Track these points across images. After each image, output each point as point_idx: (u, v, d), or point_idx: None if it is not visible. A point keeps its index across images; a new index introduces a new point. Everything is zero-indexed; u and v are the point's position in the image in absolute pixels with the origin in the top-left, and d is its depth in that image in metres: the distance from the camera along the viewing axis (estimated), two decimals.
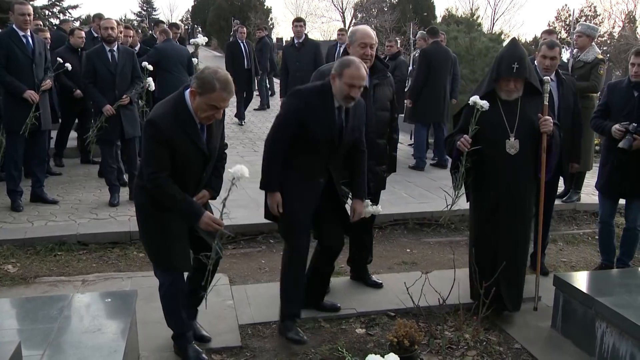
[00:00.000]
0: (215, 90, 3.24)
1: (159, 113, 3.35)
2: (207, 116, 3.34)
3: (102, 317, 3.35)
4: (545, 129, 4.17)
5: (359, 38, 4.35)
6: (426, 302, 4.16)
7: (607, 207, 5.36)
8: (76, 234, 5.85)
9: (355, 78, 3.74)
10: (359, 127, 4.06)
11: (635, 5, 40.05)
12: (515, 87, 4.24)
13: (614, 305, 3.67)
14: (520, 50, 4.26)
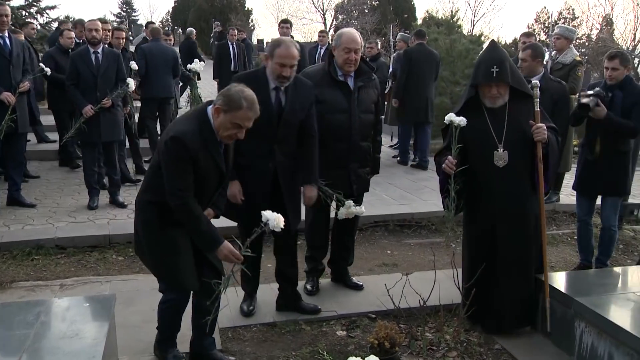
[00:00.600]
0: (242, 108, 3.20)
1: (184, 130, 3.24)
2: (230, 135, 3.29)
3: (80, 322, 3.29)
4: (539, 137, 3.86)
5: (344, 42, 4.35)
6: (407, 303, 4.16)
7: (584, 206, 5.42)
8: (54, 238, 5.79)
9: (285, 57, 3.86)
10: (302, 108, 4.08)
11: (612, 8, 40.46)
12: (498, 92, 3.98)
13: (593, 305, 3.70)
14: (500, 53, 4.02)
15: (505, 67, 3.92)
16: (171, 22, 48.76)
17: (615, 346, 3.45)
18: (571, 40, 7.37)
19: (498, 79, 3.92)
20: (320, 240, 4.80)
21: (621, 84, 5.13)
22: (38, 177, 8.12)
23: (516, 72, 4.09)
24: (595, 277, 4.58)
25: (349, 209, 4.31)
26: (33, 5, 23.10)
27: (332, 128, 4.39)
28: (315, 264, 4.84)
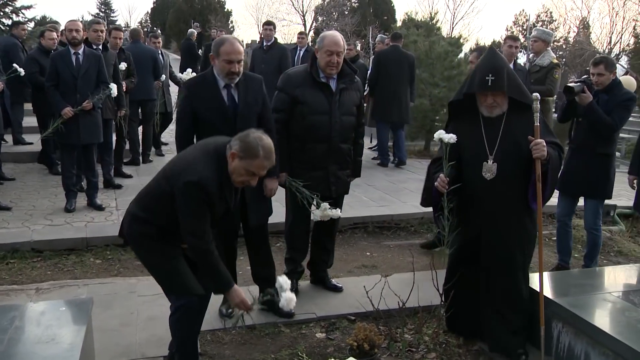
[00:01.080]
0: (258, 157, 3.19)
1: (207, 176, 3.18)
2: (242, 181, 3.29)
3: (56, 327, 3.25)
4: (537, 154, 3.56)
5: (326, 45, 4.37)
6: (386, 305, 4.17)
7: (564, 206, 5.49)
8: (30, 241, 5.70)
9: (230, 53, 3.93)
10: (256, 101, 4.16)
11: (589, 11, 40.98)
12: (494, 101, 3.72)
13: (570, 305, 3.74)
14: (498, 60, 3.74)
15: (501, 75, 3.65)
16: (150, 23, 48.44)
17: (591, 346, 3.49)
18: (548, 43, 7.46)
19: (493, 88, 3.66)
20: (299, 242, 4.79)
21: (607, 88, 5.22)
22: (14, 180, 8.01)
23: (515, 81, 3.76)
24: (572, 278, 4.63)
25: (324, 212, 4.30)
26: (8, 5, 22.85)
27: (313, 129, 4.42)
28: (295, 266, 4.83)
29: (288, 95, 4.44)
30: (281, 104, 4.47)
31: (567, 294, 4.01)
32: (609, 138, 5.26)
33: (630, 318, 3.53)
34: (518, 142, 3.68)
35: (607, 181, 5.29)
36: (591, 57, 36.04)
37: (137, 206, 3.42)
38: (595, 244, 5.49)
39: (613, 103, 5.16)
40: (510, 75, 3.72)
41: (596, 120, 5.12)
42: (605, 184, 5.29)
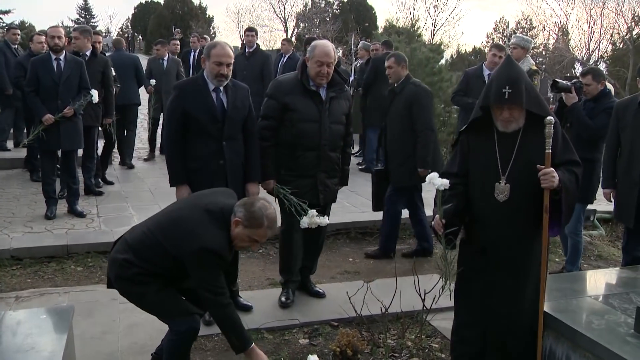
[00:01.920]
0: (262, 227, 3.26)
1: (221, 244, 3.24)
2: (243, 247, 3.40)
3: (36, 335, 3.21)
4: (546, 184, 3.17)
5: (317, 55, 4.38)
6: (369, 310, 4.17)
7: None
8: (9, 249, 5.64)
9: (221, 56, 4.08)
10: (243, 106, 4.30)
11: (568, 19, 41.47)
12: (511, 116, 3.28)
13: (550, 309, 3.76)
14: (515, 71, 3.32)
15: (519, 87, 3.23)
16: (131, 29, 48.21)
17: (572, 350, 3.51)
18: (527, 50, 7.54)
19: (511, 101, 3.23)
20: (295, 249, 4.74)
21: (596, 98, 5.38)
22: None
23: (533, 93, 3.36)
24: (553, 282, 4.66)
25: (311, 219, 4.29)
26: None
27: (302, 136, 4.44)
28: (290, 275, 4.79)
29: (278, 102, 4.44)
30: (271, 110, 4.48)
31: (548, 298, 4.04)
32: (593, 143, 5.36)
33: (609, 321, 3.56)
34: (534, 161, 3.26)
35: (589, 186, 5.36)
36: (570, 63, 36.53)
37: (120, 249, 3.40)
38: (576, 248, 5.56)
39: (598, 110, 5.31)
40: (529, 88, 3.32)
41: (576, 120, 5.25)
42: (588, 189, 5.35)
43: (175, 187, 4.24)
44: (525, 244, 3.42)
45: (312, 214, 4.28)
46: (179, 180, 4.21)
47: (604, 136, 5.29)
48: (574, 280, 4.48)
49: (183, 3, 44.64)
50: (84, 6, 55.65)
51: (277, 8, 46.55)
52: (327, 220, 4.40)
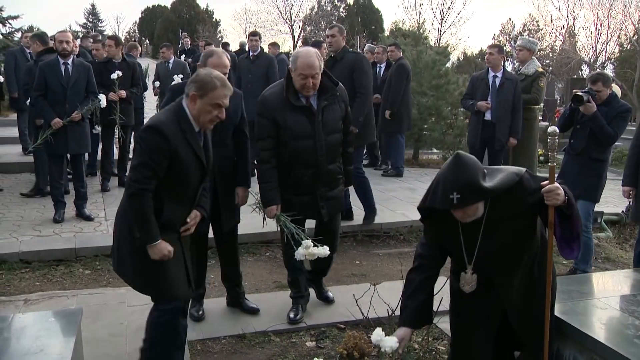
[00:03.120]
0: (217, 87, 3.26)
1: (162, 120, 3.26)
2: (212, 118, 3.32)
3: (45, 338, 3.23)
4: (550, 202, 2.86)
5: (299, 68, 4.09)
6: (375, 313, 4.17)
7: None
8: (18, 252, 5.68)
9: (217, 66, 4.00)
10: (235, 112, 4.26)
11: (574, 20, 41.36)
12: (465, 214, 2.86)
13: (558, 312, 3.75)
14: (464, 174, 2.77)
15: (469, 190, 2.73)
16: (138, 33, 48.39)
17: (579, 352, 3.51)
18: (533, 52, 7.54)
19: (459, 206, 2.78)
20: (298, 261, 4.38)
21: (606, 102, 5.54)
22: (1, 190, 7.98)
23: (486, 187, 2.76)
24: (560, 285, 4.65)
25: (307, 250, 3.88)
26: None
27: (297, 155, 4.23)
28: (299, 290, 4.62)
29: (268, 119, 4.22)
30: (264, 129, 4.24)
31: (555, 301, 4.03)
32: (605, 145, 5.56)
33: (617, 324, 3.56)
34: (504, 243, 2.97)
35: (598, 185, 5.60)
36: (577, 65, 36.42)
37: (123, 198, 3.40)
38: (587, 247, 5.64)
39: (612, 114, 5.48)
40: (481, 186, 2.74)
41: (599, 128, 5.41)
42: (597, 188, 5.60)
43: None
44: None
45: (307, 245, 3.90)
46: None
47: (618, 137, 5.54)
48: (581, 283, 4.47)
49: (190, 7, 44.86)
50: (92, 11, 55.93)
51: (283, 11, 46.64)
52: (327, 250, 3.95)
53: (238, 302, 4.69)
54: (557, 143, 3.02)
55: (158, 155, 3.17)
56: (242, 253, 5.96)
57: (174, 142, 3.19)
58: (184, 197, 3.39)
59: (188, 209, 3.46)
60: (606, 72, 6.32)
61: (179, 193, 3.34)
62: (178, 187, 3.31)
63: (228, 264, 4.65)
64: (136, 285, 3.44)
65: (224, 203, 4.32)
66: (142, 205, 3.19)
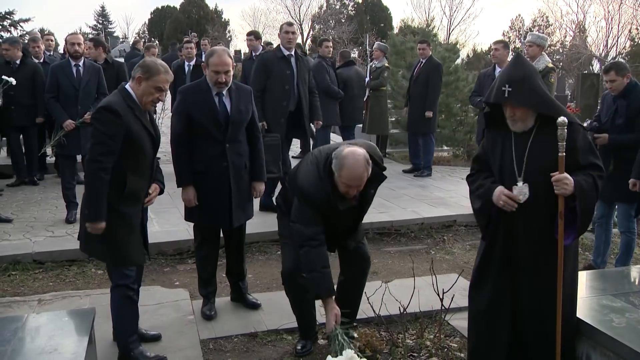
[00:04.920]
0: (160, 73, 3.59)
1: (111, 100, 3.60)
2: (153, 99, 3.65)
3: (59, 337, 3.26)
4: (559, 191, 3.06)
5: (344, 178, 3.55)
6: (387, 311, 4.17)
7: (599, 210, 5.60)
8: (32, 253, 5.72)
9: (218, 65, 4.19)
10: (247, 109, 4.43)
11: (585, 15, 41.10)
12: (514, 114, 3.20)
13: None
14: (520, 70, 3.21)
15: (521, 87, 3.13)
16: (148, 34, 48.59)
17: (592, 348, 3.50)
18: (543, 48, 7.48)
19: (510, 99, 3.16)
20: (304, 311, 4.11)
21: (624, 93, 5.25)
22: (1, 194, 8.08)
23: (538, 93, 3.19)
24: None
25: None
26: (6, 18, 22.89)
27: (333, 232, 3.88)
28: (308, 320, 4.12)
29: (315, 209, 3.71)
30: (312, 218, 3.71)
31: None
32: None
33: (630, 319, 3.54)
34: (545, 160, 3.18)
35: None
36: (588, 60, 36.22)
37: None
38: (629, 246, 5.54)
39: (634, 107, 5.19)
40: (534, 87, 3.18)
41: (625, 146, 5.20)
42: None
43: (182, 188, 4.40)
44: (548, 245, 3.23)
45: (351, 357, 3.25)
46: (184, 182, 4.37)
47: None
48: (593, 279, 4.45)
49: (199, 7, 44.96)
50: (102, 12, 56.19)
51: (292, 10, 46.58)
52: None
53: (241, 297, 4.75)
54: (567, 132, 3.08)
55: (112, 130, 3.50)
56: (253, 252, 5.99)
57: (125, 117, 3.52)
58: (143, 168, 3.71)
59: (147, 180, 3.78)
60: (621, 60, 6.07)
61: (137, 164, 3.66)
62: (136, 158, 3.64)
63: (234, 258, 4.71)
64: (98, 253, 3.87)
65: (236, 199, 4.40)
66: (96, 184, 3.51)
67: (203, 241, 4.59)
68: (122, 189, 3.58)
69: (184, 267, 5.79)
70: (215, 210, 4.40)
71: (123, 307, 3.76)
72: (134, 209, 3.70)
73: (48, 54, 9.56)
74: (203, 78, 4.38)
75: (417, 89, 9.30)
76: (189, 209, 4.47)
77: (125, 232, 3.66)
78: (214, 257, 4.66)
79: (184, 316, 4.52)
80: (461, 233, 6.88)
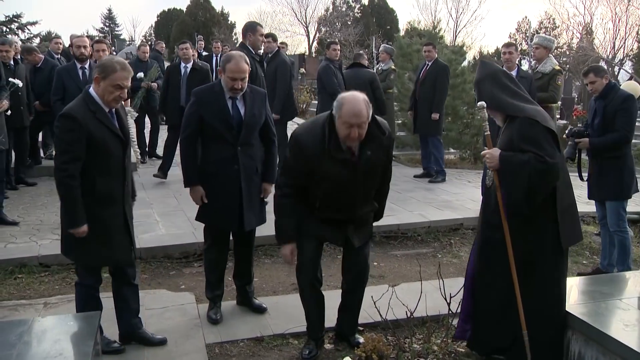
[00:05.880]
0: (117, 70, 3.62)
1: (70, 106, 3.66)
2: (115, 97, 3.67)
3: (64, 341, 3.25)
4: (489, 165, 3.67)
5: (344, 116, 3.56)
6: (394, 315, 4.15)
7: (598, 211, 5.72)
8: (37, 256, 5.72)
9: (235, 72, 4.19)
10: (260, 113, 4.42)
11: (592, 17, 40.92)
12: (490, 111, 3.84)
13: (580, 313, 3.72)
14: (477, 74, 3.94)
15: (478, 89, 3.89)
16: (154, 37, 48.75)
17: (602, 354, 3.47)
18: (550, 50, 7.47)
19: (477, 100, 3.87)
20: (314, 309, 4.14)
21: (603, 94, 5.38)
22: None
23: (489, 93, 3.76)
24: (581, 285, 4.60)
25: None
26: (14, 21, 23.02)
27: (330, 198, 3.84)
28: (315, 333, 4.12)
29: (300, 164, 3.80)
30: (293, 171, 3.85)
31: (577, 302, 3.99)
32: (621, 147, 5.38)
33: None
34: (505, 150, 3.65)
35: (621, 181, 5.35)
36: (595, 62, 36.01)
37: None
38: (623, 245, 5.50)
39: (611, 108, 5.30)
40: (484, 89, 3.81)
41: (605, 148, 5.35)
42: (621, 185, 5.35)
43: (189, 187, 4.43)
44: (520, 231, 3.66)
45: None
46: (191, 181, 4.40)
47: (632, 132, 5.35)
48: (602, 283, 4.41)
49: (205, 10, 45.07)
50: (108, 15, 56.38)
51: (298, 13, 46.64)
52: None
53: (247, 301, 4.73)
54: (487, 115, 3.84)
55: (71, 137, 3.55)
56: (260, 255, 5.97)
57: (84, 122, 3.56)
58: (112, 169, 3.74)
59: (120, 181, 3.80)
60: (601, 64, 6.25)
61: (106, 166, 3.71)
62: (103, 160, 3.68)
63: (242, 262, 4.70)
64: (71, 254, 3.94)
65: (247, 202, 4.38)
66: (67, 191, 3.60)
67: (212, 244, 4.57)
68: (92, 192, 3.66)
69: (189, 270, 5.77)
70: (226, 212, 4.39)
71: (86, 303, 3.89)
72: (110, 210, 3.76)
73: (57, 57, 9.62)
74: (218, 81, 4.41)
75: (424, 91, 9.18)
76: (201, 209, 4.48)
77: (102, 235, 3.73)
78: (223, 260, 4.64)
79: (190, 320, 4.50)
80: (468, 236, 6.84)
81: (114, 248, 3.81)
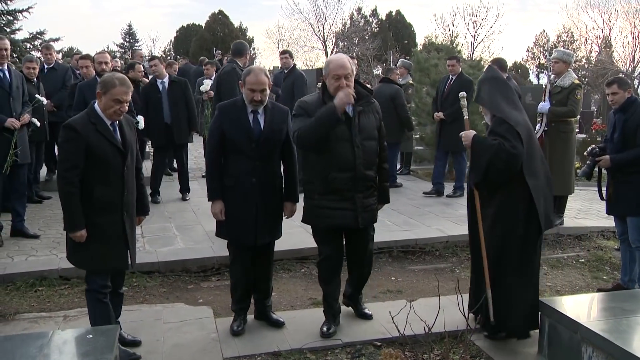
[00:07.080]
0: (116, 86, 3.82)
1: (74, 118, 3.91)
2: (115, 111, 3.86)
3: (84, 354, 3.27)
4: (464, 142, 4.39)
5: (332, 70, 4.28)
6: (412, 330, 4.11)
7: (618, 226, 5.64)
8: (58, 269, 5.77)
9: (254, 84, 4.29)
10: (280, 128, 4.48)
11: (610, 30, 40.66)
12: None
13: (600, 329, 3.67)
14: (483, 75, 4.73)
15: (480, 86, 4.58)
16: (173, 52, 49.22)
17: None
18: (569, 64, 7.42)
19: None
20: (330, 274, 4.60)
21: (624, 107, 5.33)
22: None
23: (488, 91, 4.49)
24: (602, 301, 4.55)
25: None
26: (37, 38, 23.36)
27: (334, 157, 4.29)
28: (331, 304, 4.62)
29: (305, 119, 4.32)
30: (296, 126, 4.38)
31: (597, 318, 3.94)
32: None
33: None
34: None
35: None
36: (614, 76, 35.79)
37: None
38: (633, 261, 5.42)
39: (632, 122, 5.24)
40: (483, 89, 4.52)
41: (627, 164, 5.27)
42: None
43: (211, 201, 4.48)
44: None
45: None
46: (214, 196, 4.46)
47: None
48: (623, 299, 4.36)
49: (224, 25, 45.36)
50: (129, 31, 57.00)
51: (316, 28, 46.85)
52: None
53: (265, 315, 4.73)
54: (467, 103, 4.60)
55: (71, 146, 3.77)
56: (277, 269, 5.97)
57: (84, 133, 3.77)
58: (111, 179, 3.91)
59: (119, 190, 3.95)
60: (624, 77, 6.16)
61: (105, 176, 3.88)
62: (102, 170, 3.85)
63: (261, 277, 4.69)
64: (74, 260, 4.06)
65: (262, 217, 4.41)
66: (66, 197, 3.80)
67: (235, 258, 4.59)
68: (90, 200, 3.83)
69: (207, 284, 5.79)
70: (240, 226, 4.41)
71: (95, 308, 4.03)
72: (107, 218, 3.92)
73: (78, 72, 9.72)
74: (240, 96, 4.48)
75: (448, 105, 9.04)
76: (219, 224, 4.53)
77: (99, 241, 3.89)
78: (247, 274, 4.61)
79: (208, 334, 4.51)
80: None
81: (110, 255, 3.97)
